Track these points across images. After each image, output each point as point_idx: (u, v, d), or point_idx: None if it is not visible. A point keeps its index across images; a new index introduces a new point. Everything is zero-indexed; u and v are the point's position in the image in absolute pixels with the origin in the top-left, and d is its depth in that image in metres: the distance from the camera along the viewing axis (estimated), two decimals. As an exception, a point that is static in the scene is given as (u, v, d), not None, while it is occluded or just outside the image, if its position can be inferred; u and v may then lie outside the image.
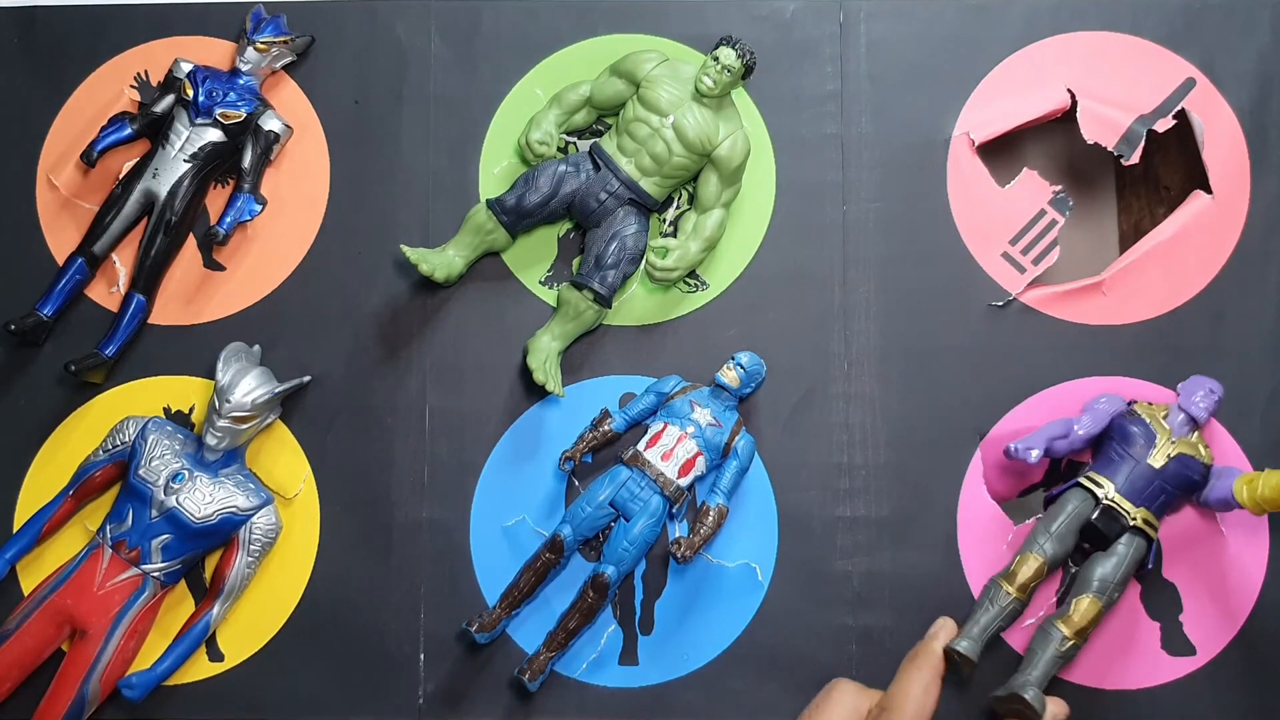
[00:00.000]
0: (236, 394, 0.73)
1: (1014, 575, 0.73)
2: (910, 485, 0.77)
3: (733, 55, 0.73)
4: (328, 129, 0.80)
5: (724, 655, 0.76)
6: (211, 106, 0.77)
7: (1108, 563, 0.73)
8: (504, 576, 0.75)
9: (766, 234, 0.79)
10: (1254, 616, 0.76)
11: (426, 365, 0.78)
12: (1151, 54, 0.80)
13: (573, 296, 0.75)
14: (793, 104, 0.80)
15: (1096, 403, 0.76)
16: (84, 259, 0.77)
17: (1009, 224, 0.79)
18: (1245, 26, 0.80)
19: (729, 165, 0.75)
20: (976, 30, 0.80)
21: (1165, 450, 0.73)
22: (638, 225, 0.76)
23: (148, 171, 0.77)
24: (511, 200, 0.75)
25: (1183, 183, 0.83)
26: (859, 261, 0.79)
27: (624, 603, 0.76)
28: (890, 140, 0.80)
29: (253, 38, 0.77)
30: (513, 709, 0.75)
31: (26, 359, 0.78)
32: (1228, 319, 0.78)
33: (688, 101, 0.75)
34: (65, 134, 0.80)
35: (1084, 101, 0.79)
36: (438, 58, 0.81)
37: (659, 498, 0.73)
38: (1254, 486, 0.70)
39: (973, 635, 0.72)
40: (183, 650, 0.74)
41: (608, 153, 0.76)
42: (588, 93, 0.78)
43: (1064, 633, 0.71)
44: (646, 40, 0.80)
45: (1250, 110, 0.80)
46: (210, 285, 0.79)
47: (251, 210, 0.77)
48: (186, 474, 0.74)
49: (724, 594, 0.76)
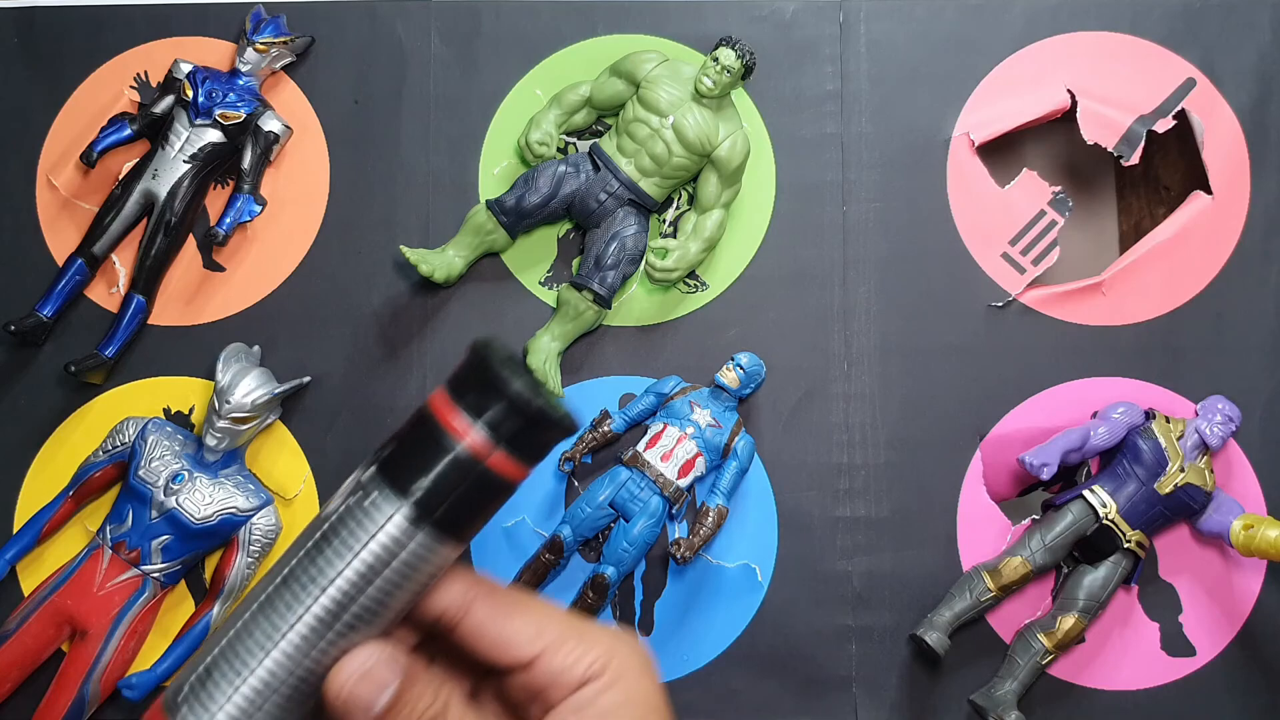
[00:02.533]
0: (236, 395, 0.73)
1: (999, 574, 0.73)
2: (910, 485, 0.77)
3: (732, 56, 0.73)
4: (327, 129, 0.80)
5: (724, 655, 0.76)
6: (211, 107, 0.77)
7: (1095, 580, 0.73)
8: (504, 577, 0.75)
9: (766, 234, 0.79)
10: (1253, 617, 0.76)
11: (426, 366, 0.78)
12: (1152, 54, 0.80)
13: (572, 297, 0.75)
14: (793, 104, 0.80)
15: (1114, 411, 0.75)
16: (84, 260, 0.77)
17: (1009, 224, 0.79)
18: (1246, 27, 0.80)
19: (729, 166, 0.75)
20: (976, 30, 0.80)
21: (1174, 478, 0.73)
22: (637, 226, 0.76)
23: (147, 172, 0.77)
24: (511, 201, 0.75)
25: (1183, 183, 0.83)
26: (859, 262, 0.79)
27: (624, 603, 0.76)
28: (890, 140, 0.80)
29: (252, 38, 0.77)
30: (513, 709, 0.75)
31: (26, 359, 0.78)
32: (1228, 319, 0.78)
33: (688, 102, 0.75)
34: (65, 134, 0.80)
35: (1084, 102, 0.79)
36: (437, 58, 0.80)
37: (659, 498, 0.73)
38: (1250, 535, 0.71)
39: (943, 625, 0.73)
40: (183, 651, 0.74)
41: (607, 153, 0.76)
42: (587, 93, 0.78)
43: (1045, 645, 0.72)
44: (646, 40, 0.80)
45: (1250, 110, 0.80)
46: (210, 286, 0.79)
47: (251, 211, 0.77)
48: (186, 475, 0.74)
49: (724, 594, 0.76)
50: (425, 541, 0.36)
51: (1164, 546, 0.76)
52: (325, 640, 0.37)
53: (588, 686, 0.39)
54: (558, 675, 0.39)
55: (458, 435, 0.36)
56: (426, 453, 0.36)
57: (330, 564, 0.37)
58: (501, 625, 0.40)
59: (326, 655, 0.37)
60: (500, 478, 0.37)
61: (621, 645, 0.40)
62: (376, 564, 0.36)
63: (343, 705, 0.38)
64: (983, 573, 0.74)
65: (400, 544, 0.36)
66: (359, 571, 0.36)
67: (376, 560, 0.36)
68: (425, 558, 0.37)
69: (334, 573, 0.37)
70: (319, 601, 0.37)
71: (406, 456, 0.37)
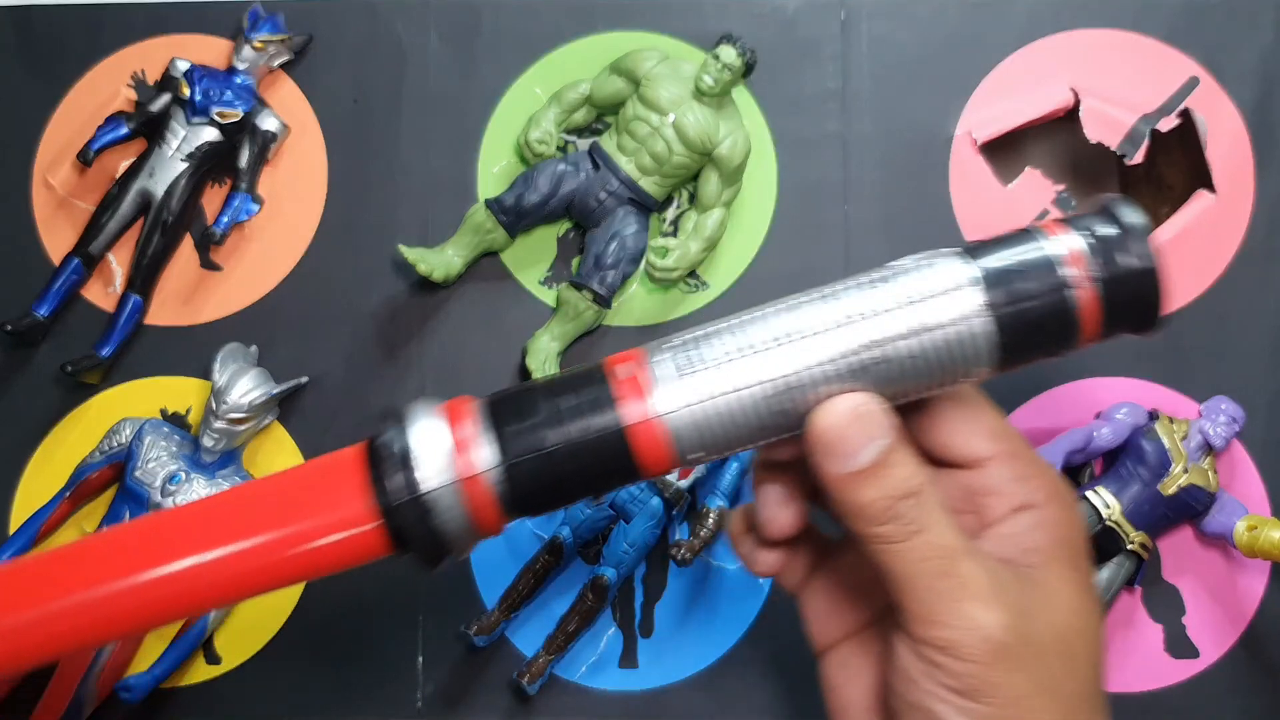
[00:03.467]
0: (233, 395, 0.73)
1: None
2: (912, 486, 0.77)
3: (733, 53, 0.73)
4: (326, 128, 0.80)
5: (725, 658, 0.75)
6: (208, 106, 0.76)
7: (1098, 582, 0.73)
8: (503, 579, 0.74)
9: (767, 234, 0.79)
10: (1257, 619, 0.75)
11: (425, 365, 0.78)
12: (1155, 52, 0.80)
13: (572, 297, 0.75)
14: (794, 102, 0.79)
15: (1117, 411, 0.75)
16: (80, 259, 0.76)
17: (1012, 223, 0.78)
18: (1250, 25, 0.80)
19: (730, 164, 0.75)
20: (979, 28, 0.80)
21: (1178, 479, 0.72)
22: (637, 225, 0.76)
23: (144, 171, 0.77)
24: (510, 200, 0.75)
25: (1186, 182, 0.82)
26: (861, 261, 0.78)
27: (624, 605, 0.76)
28: (892, 139, 0.79)
29: (250, 36, 0.77)
30: (512, 712, 0.75)
31: (22, 360, 0.78)
32: (1232, 319, 0.78)
33: (688, 100, 0.74)
34: (61, 133, 0.79)
35: (1087, 100, 0.79)
36: (436, 56, 0.80)
37: (659, 499, 0.73)
38: (1254, 536, 0.70)
39: None
40: (180, 653, 0.73)
41: (607, 152, 0.75)
42: (587, 91, 0.77)
43: None
44: (646, 38, 0.80)
45: (1255, 109, 0.79)
46: (207, 285, 0.79)
47: (249, 210, 0.77)
48: (183, 475, 0.73)
49: (725, 597, 0.76)
50: (985, 331, 0.36)
51: (1167, 548, 0.76)
52: (839, 364, 0.36)
53: (1025, 513, 0.38)
54: (1003, 485, 0.38)
55: (1068, 263, 0.36)
56: (1024, 257, 0.37)
57: (883, 301, 0.36)
58: (967, 414, 0.39)
59: (828, 384, 0.36)
60: (1075, 317, 0.36)
61: (1063, 489, 0.39)
62: (930, 324, 0.36)
63: (829, 441, 0.36)
64: None
65: (963, 321, 0.36)
66: (909, 322, 0.36)
67: (933, 321, 0.36)
68: (970, 349, 0.36)
69: (884, 308, 0.36)
70: (856, 327, 0.36)
71: (1001, 252, 0.37)
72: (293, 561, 0.38)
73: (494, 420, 0.39)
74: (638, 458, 0.38)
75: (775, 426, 0.38)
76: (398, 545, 0.38)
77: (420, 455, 0.38)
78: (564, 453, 0.38)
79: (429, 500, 0.37)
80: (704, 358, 0.39)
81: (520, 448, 0.38)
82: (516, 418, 0.38)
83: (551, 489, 0.39)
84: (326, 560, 0.38)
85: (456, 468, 0.38)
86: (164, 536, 0.39)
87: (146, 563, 0.37)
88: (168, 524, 0.41)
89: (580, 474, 0.38)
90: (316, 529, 0.38)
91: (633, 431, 0.38)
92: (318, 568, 0.39)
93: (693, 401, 0.38)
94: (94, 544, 0.40)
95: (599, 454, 0.38)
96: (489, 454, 0.38)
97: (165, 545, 0.38)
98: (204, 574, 0.38)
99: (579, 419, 0.38)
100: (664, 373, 0.39)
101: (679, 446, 0.38)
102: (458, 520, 0.38)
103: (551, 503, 0.39)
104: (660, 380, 0.38)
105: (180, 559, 0.37)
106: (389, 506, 0.38)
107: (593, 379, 0.39)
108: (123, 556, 0.38)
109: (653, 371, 0.39)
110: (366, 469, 0.38)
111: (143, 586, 0.37)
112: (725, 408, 0.37)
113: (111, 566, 0.38)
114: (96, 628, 0.38)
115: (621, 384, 0.38)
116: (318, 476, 0.40)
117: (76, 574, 0.38)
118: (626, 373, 0.39)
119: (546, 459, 0.38)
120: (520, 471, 0.38)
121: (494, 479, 0.38)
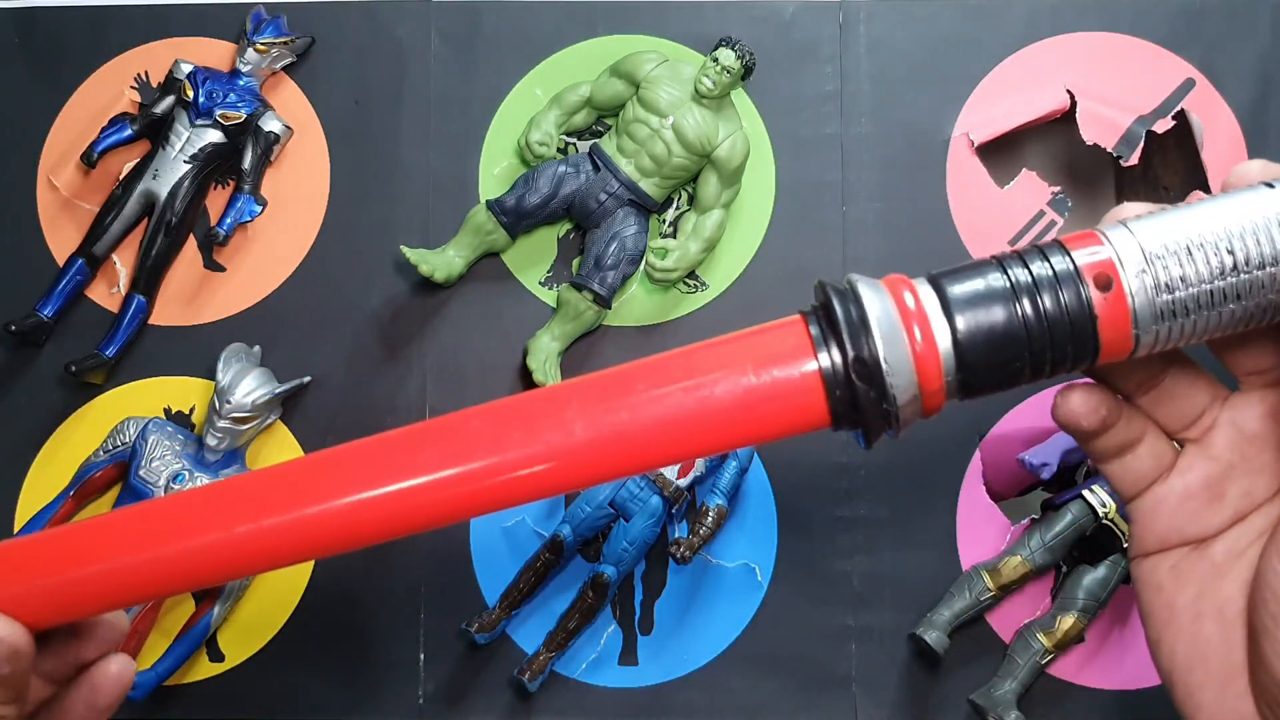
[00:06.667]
0: (237, 394, 0.73)
1: (999, 573, 0.74)
2: (910, 485, 0.77)
3: (732, 56, 0.73)
4: (328, 130, 0.80)
5: (724, 655, 0.76)
6: (212, 107, 0.77)
7: (1095, 580, 0.73)
8: (504, 577, 0.75)
9: (766, 234, 0.79)
10: (1253, 616, 0.76)
11: (426, 365, 0.78)
12: (1151, 54, 0.80)
13: (572, 297, 0.75)
14: (792, 104, 0.80)
15: None
16: (84, 260, 0.77)
17: (1008, 224, 0.79)
18: (1245, 27, 0.80)
19: (729, 166, 0.75)
20: (976, 30, 0.81)
21: None
22: (637, 226, 0.76)
23: (148, 172, 0.77)
24: (511, 201, 0.75)
25: (1182, 183, 0.83)
26: (859, 262, 0.79)
27: (623, 603, 0.77)
28: (890, 140, 0.80)
29: (253, 39, 0.77)
30: (513, 709, 0.75)
31: (27, 360, 0.78)
32: (1227, 319, 0.78)
33: (687, 102, 0.75)
34: (65, 135, 0.80)
35: (1083, 102, 0.79)
36: (437, 58, 0.81)
37: (658, 498, 0.73)
38: None
39: (942, 624, 0.73)
40: (183, 651, 0.74)
41: (607, 154, 0.76)
42: (587, 93, 0.78)
43: (1045, 645, 0.73)
44: (646, 41, 0.80)
45: (1250, 111, 0.80)
46: (210, 286, 0.79)
47: (252, 211, 0.77)
48: (187, 475, 0.74)
49: (724, 594, 0.76)
50: None
51: (1163, 546, 0.76)
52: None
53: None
54: None
55: None
56: None
57: None
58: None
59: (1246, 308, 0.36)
60: None
61: None
62: None
63: None
64: (982, 572, 0.74)
65: None
66: None
67: None
68: None
69: None
70: None
71: None
72: (738, 424, 0.37)
73: (941, 295, 0.37)
74: (1102, 336, 0.36)
75: (1243, 316, 0.36)
76: (841, 416, 0.37)
77: (878, 327, 0.36)
78: (1020, 331, 0.36)
79: (886, 373, 0.36)
80: (1169, 240, 0.36)
81: (972, 324, 0.36)
82: (968, 293, 0.37)
83: (1000, 369, 0.37)
84: (767, 426, 0.37)
85: (910, 342, 0.36)
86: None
87: None
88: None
89: (1035, 354, 0.36)
90: (766, 393, 0.37)
91: (1102, 305, 0.36)
92: (759, 433, 0.37)
93: (1162, 284, 0.36)
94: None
95: (1059, 332, 0.36)
96: (943, 329, 0.36)
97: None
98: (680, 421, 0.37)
99: (1041, 294, 0.36)
100: (1129, 257, 0.36)
101: (1138, 330, 0.36)
102: (908, 395, 0.36)
103: (998, 384, 0.38)
104: (1127, 262, 0.36)
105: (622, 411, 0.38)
106: (840, 377, 0.36)
107: (1051, 253, 0.37)
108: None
109: (1116, 251, 0.36)
110: (811, 339, 0.37)
111: None
112: (1193, 294, 0.36)
113: None
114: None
115: (1089, 264, 0.36)
116: (763, 343, 0.39)
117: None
118: (1089, 251, 0.37)
119: (1004, 335, 0.36)
120: (974, 343, 0.36)
121: (947, 354, 0.36)
